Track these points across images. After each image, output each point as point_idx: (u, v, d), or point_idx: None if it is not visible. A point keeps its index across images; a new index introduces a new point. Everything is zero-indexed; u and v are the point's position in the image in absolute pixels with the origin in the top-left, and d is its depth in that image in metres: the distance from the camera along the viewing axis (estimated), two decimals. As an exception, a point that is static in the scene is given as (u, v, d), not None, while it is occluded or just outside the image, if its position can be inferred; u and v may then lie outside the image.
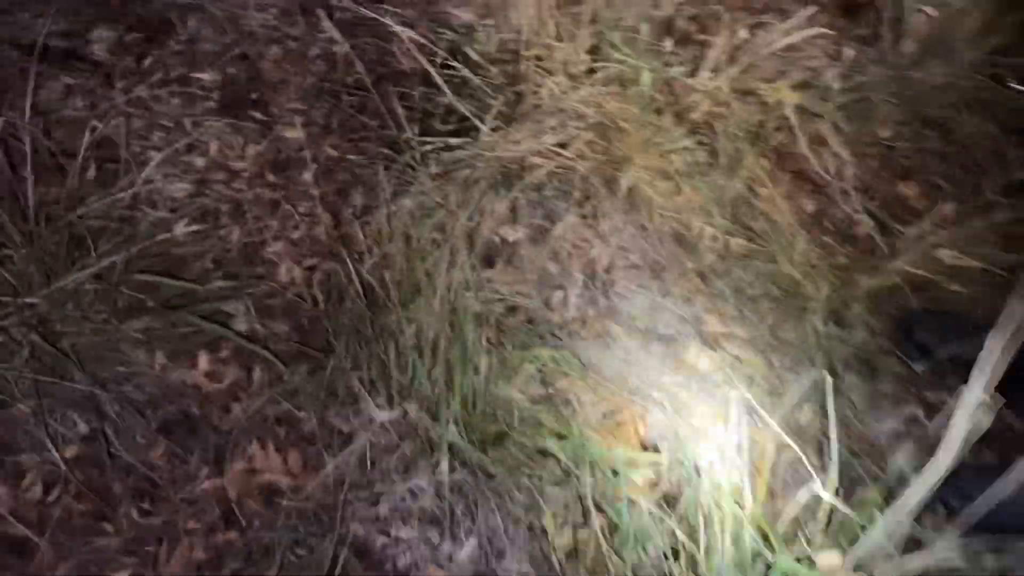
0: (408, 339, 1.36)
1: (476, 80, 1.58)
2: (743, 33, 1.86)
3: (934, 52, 1.93)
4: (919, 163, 1.97)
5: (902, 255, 1.66)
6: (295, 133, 1.75)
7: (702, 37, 2.09)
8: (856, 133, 1.95)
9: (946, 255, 1.60)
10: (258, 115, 1.76)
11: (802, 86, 1.88)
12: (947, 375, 1.62)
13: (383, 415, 1.32)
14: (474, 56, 1.59)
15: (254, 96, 1.79)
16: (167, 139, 1.69)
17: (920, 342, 1.63)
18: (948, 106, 1.98)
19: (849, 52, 2.05)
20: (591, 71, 1.55)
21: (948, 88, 1.95)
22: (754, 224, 1.79)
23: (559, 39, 1.51)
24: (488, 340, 1.49)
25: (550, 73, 1.46)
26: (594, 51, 1.59)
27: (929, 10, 1.88)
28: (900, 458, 1.55)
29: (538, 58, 1.54)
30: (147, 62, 1.79)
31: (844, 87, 1.94)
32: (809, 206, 1.86)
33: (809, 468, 1.10)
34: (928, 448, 1.56)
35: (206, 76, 1.77)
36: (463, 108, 1.47)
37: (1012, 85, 1.91)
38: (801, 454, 1.10)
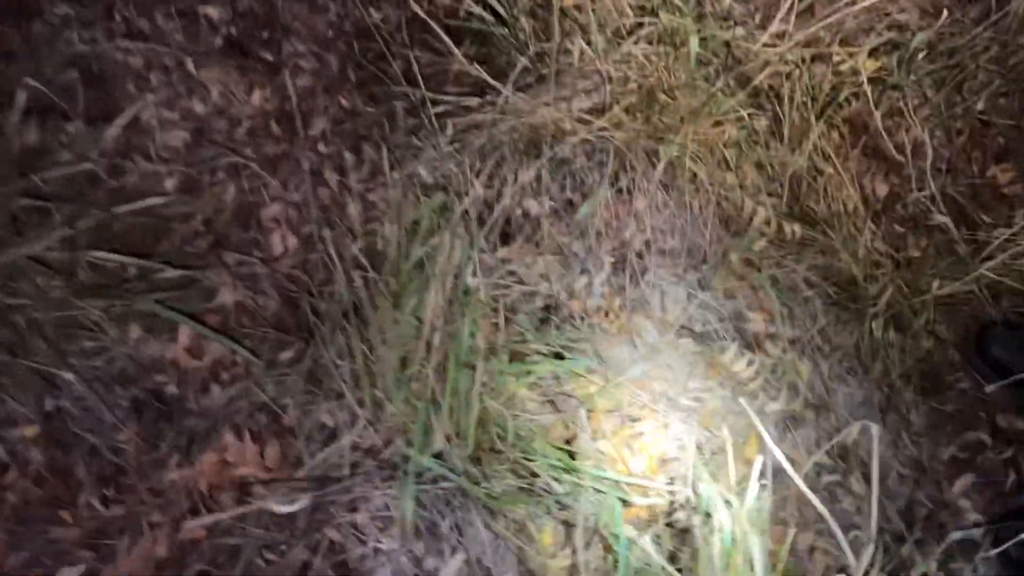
0: (403, 327, 1.21)
1: (501, 31, 1.39)
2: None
3: (1049, 14, 1.65)
4: (1018, 143, 1.71)
5: (984, 257, 1.43)
6: (306, 80, 1.58)
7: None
8: (946, 105, 1.70)
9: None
10: (268, 56, 1.60)
11: (886, 47, 1.63)
12: (1024, 398, 1.42)
13: (366, 413, 1.18)
14: (498, 4, 1.38)
15: (265, 35, 1.63)
16: (167, 80, 1.54)
17: (996, 359, 1.41)
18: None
19: (946, 8, 1.77)
20: (638, 25, 1.34)
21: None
22: (815, 207, 1.57)
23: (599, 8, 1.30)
24: (496, 328, 1.33)
25: (587, 28, 1.26)
26: (641, 3, 1.37)
27: (1048, -37, 1.59)
28: (957, 493, 1.37)
29: (577, 8, 1.33)
30: (153, -10, 1.63)
31: (937, 50, 1.67)
32: (882, 189, 1.62)
33: (843, 546, 0.92)
34: (991, 483, 1.38)
35: (214, 11, 1.60)
36: (474, 69, 1.28)
37: None
38: (835, 527, 0.92)
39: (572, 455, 1.25)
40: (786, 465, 0.86)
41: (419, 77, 1.31)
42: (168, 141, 1.48)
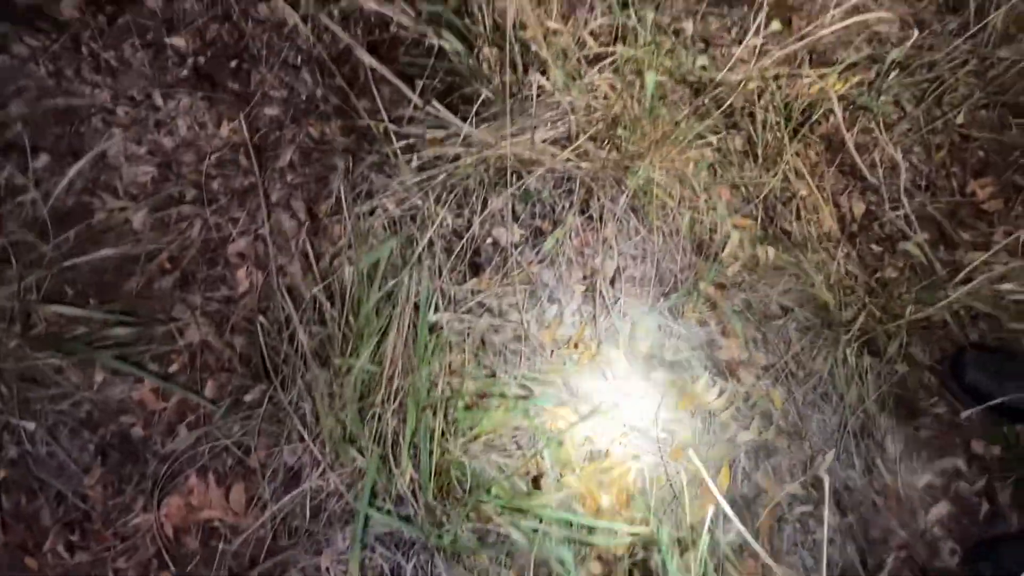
0: (363, 368, 1.20)
1: (467, 62, 1.37)
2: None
3: (1026, 26, 1.62)
4: (998, 157, 1.68)
5: (961, 280, 1.41)
6: (275, 109, 1.57)
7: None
8: (925, 119, 1.67)
9: (1008, 289, 1.35)
10: (236, 87, 1.58)
11: (865, 62, 1.61)
12: (1000, 425, 1.40)
13: (328, 456, 1.18)
14: (460, 41, 1.37)
15: (233, 64, 1.61)
16: (134, 114, 1.53)
17: (972, 384, 1.39)
18: (1039, 91, 1.67)
19: (924, 21, 1.75)
20: (600, 55, 1.32)
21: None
22: (790, 228, 1.55)
23: (564, 19, 1.28)
24: (463, 362, 1.33)
25: (548, 60, 1.24)
26: (604, 33, 1.35)
27: (1026, -25, 1.56)
28: (933, 521, 1.35)
29: (539, 39, 1.31)
30: (120, 22, 1.62)
31: (916, 64, 1.65)
32: (859, 207, 1.60)
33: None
34: (967, 510, 1.37)
35: (182, 42, 1.59)
36: (433, 108, 1.27)
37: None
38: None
39: (538, 488, 1.24)
40: (732, 516, 0.85)
41: (383, 110, 1.29)
42: (135, 177, 1.47)
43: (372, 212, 1.40)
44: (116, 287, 1.37)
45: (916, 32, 1.44)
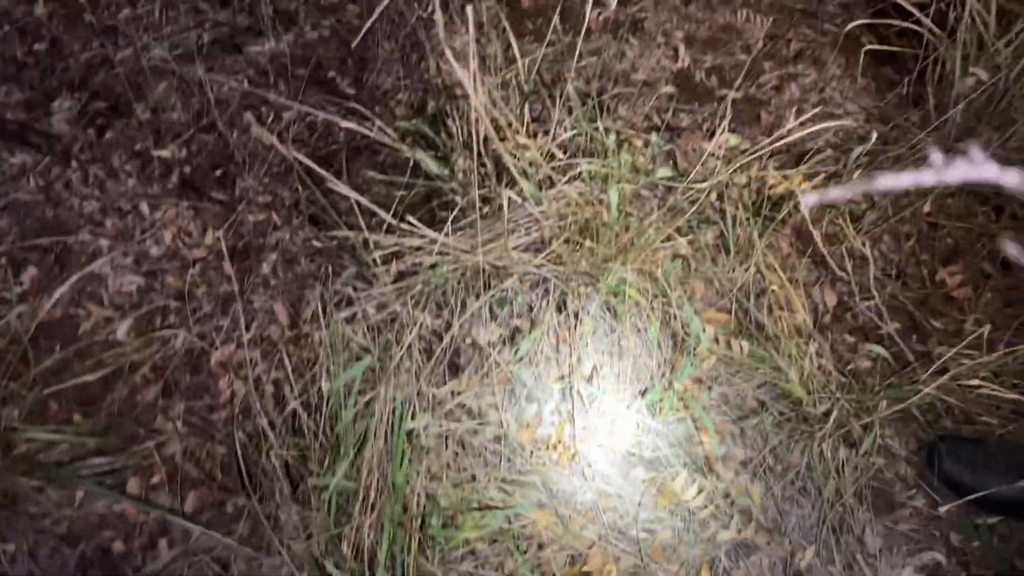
0: (340, 481, 1.22)
1: (441, 172, 1.42)
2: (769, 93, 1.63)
3: (987, 120, 1.68)
4: (966, 244, 1.72)
5: (935, 371, 1.43)
6: (259, 216, 1.61)
7: (721, 92, 1.89)
8: (893, 209, 1.72)
9: (976, 384, 1.37)
10: (221, 196, 1.63)
11: (828, 158, 1.66)
12: (978, 515, 1.41)
13: (305, 571, 1.18)
14: (433, 153, 1.42)
15: (219, 172, 1.67)
16: (122, 225, 1.57)
17: (949, 476, 1.41)
18: (1001, 180, 1.72)
19: (887, 115, 1.82)
20: (568, 167, 1.37)
21: (1002, 159, 1.69)
22: (765, 321, 1.58)
23: (532, 136, 1.33)
24: (446, 467, 1.34)
25: (519, 172, 1.29)
26: (571, 146, 1.41)
27: (981, 73, 1.62)
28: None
29: (511, 154, 1.36)
30: (109, 135, 1.68)
31: (880, 156, 1.70)
32: (831, 298, 1.64)
33: None
34: (949, 606, 1.37)
35: (168, 152, 1.65)
36: (406, 226, 1.31)
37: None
38: None
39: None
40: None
41: (361, 223, 1.33)
42: (121, 287, 1.51)
43: (352, 319, 1.44)
44: (99, 399, 1.39)
45: (875, 134, 1.49)
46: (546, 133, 1.33)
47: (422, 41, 1.86)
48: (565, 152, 1.37)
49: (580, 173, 1.31)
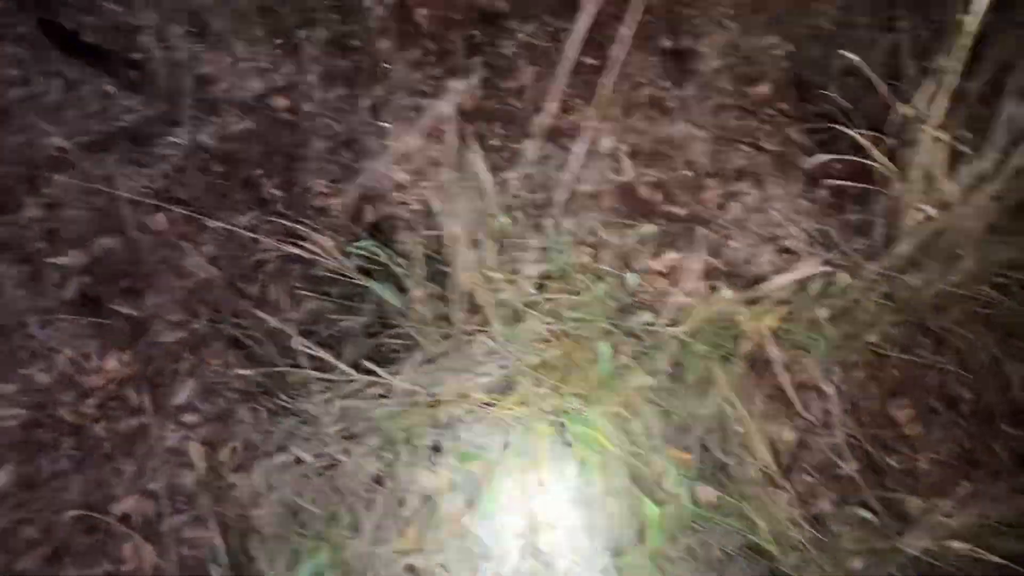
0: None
1: (399, 306, 1.28)
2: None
3: (933, 255, 1.68)
4: (912, 377, 1.71)
5: (905, 530, 1.38)
6: (173, 335, 1.41)
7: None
8: (842, 339, 1.69)
9: (959, 546, 1.32)
10: (127, 310, 1.42)
11: (785, 298, 1.62)
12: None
13: None
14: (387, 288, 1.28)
15: (125, 284, 1.46)
16: (2, 347, 1.33)
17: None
18: (944, 314, 1.72)
19: (836, 244, 1.81)
20: (534, 304, 1.26)
21: (946, 295, 1.70)
22: (727, 461, 1.50)
23: (496, 285, 1.22)
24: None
25: (485, 310, 1.17)
26: (540, 287, 1.30)
27: (929, 209, 1.63)
28: None
29: (475, 285, 1.24)
30: (-8, 237, 1.44)
31: (832, 290, 1.68)
32: (789, 435, 1.57)
33: None
34: None
35: (65, 259, 1.43)
36: (354, 374, 1.16)
37: None
38: None
39: None
40: None
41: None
42: (0, 423, 1.27)
43: (284, 467, 1.25)
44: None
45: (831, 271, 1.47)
46: (513, 267, 1.22)
47: (359, 139, 1.73)
48: (540, 288, 1.26)
49: (551, 306, 1.21)
